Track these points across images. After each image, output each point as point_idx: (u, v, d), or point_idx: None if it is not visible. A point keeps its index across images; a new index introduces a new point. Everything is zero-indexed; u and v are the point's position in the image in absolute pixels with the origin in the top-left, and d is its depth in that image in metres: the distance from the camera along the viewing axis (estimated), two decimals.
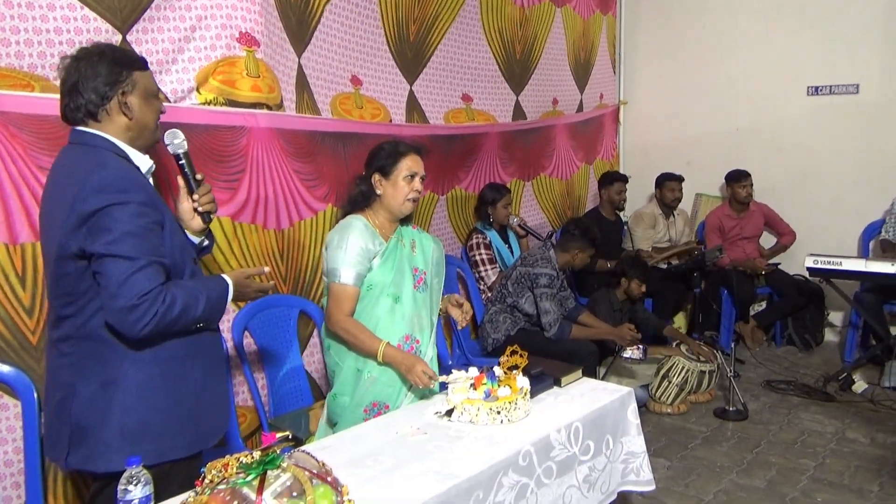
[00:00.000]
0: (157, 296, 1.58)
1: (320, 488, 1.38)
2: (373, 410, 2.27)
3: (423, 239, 2.47)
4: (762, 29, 5.29)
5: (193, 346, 1.75)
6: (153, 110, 1.75)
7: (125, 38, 2.50)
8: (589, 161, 5.65)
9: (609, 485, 2.16)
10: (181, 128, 2.59)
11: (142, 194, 1.63)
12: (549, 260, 3.61)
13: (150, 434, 1.68)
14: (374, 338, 2.24)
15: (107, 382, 1.66)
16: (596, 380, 2.53)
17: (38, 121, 2.23)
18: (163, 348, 1.69)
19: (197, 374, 1.77)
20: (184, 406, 1.73)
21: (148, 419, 1.68)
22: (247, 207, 2.89)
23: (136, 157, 1.73)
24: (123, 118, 1.70)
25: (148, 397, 1.68)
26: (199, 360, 1.77)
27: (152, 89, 1.76)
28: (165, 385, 1.70)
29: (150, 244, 1.61)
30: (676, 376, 3.78)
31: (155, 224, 1.64)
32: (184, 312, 1.64)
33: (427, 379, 2.15)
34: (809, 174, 5.19)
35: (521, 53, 4.68)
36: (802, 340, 4.92)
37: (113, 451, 1.65)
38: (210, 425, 1.82)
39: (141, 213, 1.61)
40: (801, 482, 3.02)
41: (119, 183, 1.60)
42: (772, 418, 3.73)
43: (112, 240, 1.57)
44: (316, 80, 3.31)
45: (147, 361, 1.68)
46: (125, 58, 1.73)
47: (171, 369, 1.71)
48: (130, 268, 1.56)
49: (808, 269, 4.07)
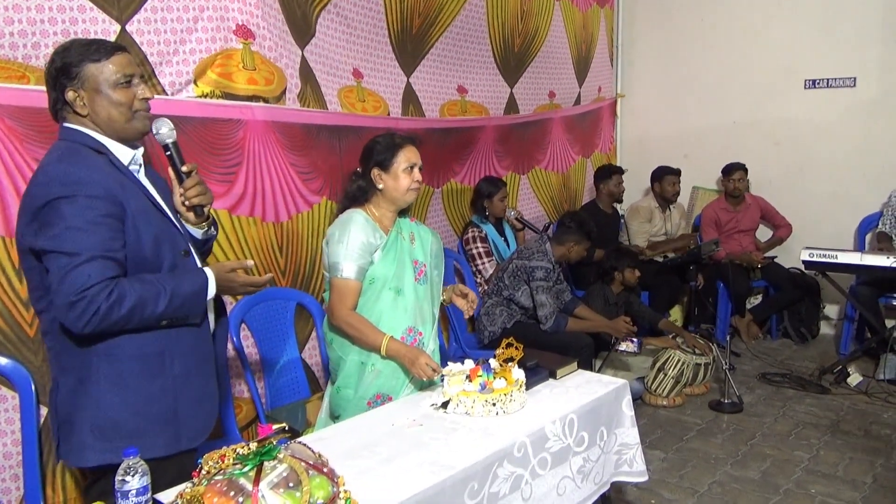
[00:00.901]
0: (99, 291, 1.52)
1: (316, 479, 1.38)
2: (376, 403, 2.28)
3: (421, 231, 2.47)
4: (759, 22, 5.29)
5: (172, 341, 1.70)
6: (112, 102, 1.65)
7: (124, 29, 2.49)
8: (586, 154, 5.65)
9: (603, 476, 2.18)
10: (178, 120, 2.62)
11: (96, 188, 1.56)
12: (546, 253, 3.62)
13: (122, 431, 1.64)
14: (377, 332, 2.25)
15: (81, 378, 1.65)
16: (591, 372, 2.54)
17: (34, 113, 2.22)
18: (136, 344, 1.64)
19: (176, 371, 1.71)
20: (159, 404, 1.68)
21: (119, 416, 1.64)
22: (244, 200, 2.89)
23: (116, 149, 1.68)
24: (84, 114, 1.66)
25: (120, 394, 1.64)
26: (178, 357, 1.71)
27: (111, 80, 1.64)
28: (138, 382, 1.66)
29: (96, 238, 1.55)
30: (672, 369, 3.80)
31: (107, 217, 1.57)
32: (137, 308, 1.57)
33: (431, 371, 2.16)
34: (806, 167, 5.20)
35: (519, 46, 4.67)
36: (798, 333, 4.94)
37: (87, 447, 1.65)
38: (191, 426, 1.75)
39: (90, 206, 1.55)
40: (796, 474, 3.04)
41: (68, 177, 1.56)
42: (767, 410, 3.75)
43: (54, 234, 1.53)
44: (321, 72, 3.31)
45: (119, 357, 1.64)
46: (79, 53, 1.64)
47: (145, 366, 1.67)
48: (70, 263, 1.52)
49: (804, 263, 4.09)
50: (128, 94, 1.66)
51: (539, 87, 4.97)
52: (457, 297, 2.49)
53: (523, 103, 4.79)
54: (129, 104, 1.66)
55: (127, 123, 1.68)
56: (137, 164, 1.75)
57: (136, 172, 1.74)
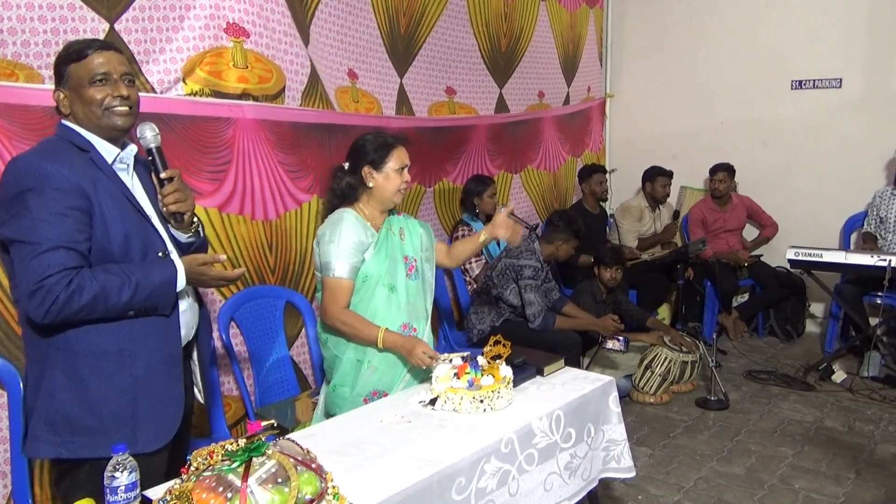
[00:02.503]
0: (58, 281, 1.52)
1: (304, 475, 1.40)
2: (372, 399, 2.29)
3: (410, 225, 2.48)
4: (747, 23, 5.34)
5: (135, 340, 1.67)
6: (85, 100, 1.66)
7: (113, 27, 2.50)
8: (576, 154, 5.69)
9: (590, 472, 2.20)
10: (167, 118, 2.63)
11: (63, 181, 1.57)
12: (534, 252, 3.64)
13: (74, 427, 1.63)
14: (372, 325, 2.26)
15: (42, 370, 1.65)
16: (578, 369, 2.57)
17: (23, 111, 2.23)
18: (95, 340, 1.63)
19: (137, 372, 1.67)
20: (116, 404, 1.66)
21: (72, 412, 1.63)
22: (234, 198, 2.90)
23: (101, 146, 1.70)
24: (67, 113, 1.69)
25: (74, 389, 1.63)
26: (140, 357, 1.68)
27: (86, 78, 1.65)
28: (95, 379, 1.64)
29: (60, 229, 1.55)
30: (659, 366, 3.83)
31: (72, 210, 1.57)
32: (100, 298, 1.56)
33: (429, 359, 2.17)
34: (792, 167, 5.25)
35: (506, 46, 4.69)
36: (784, 331, 4.99)
37: (39, 439, 1.66)
38: (149, 429, 1.70)
39: (55, 198, 1.56)
40: (780, 469, 3.08)
41: (37, 170, 1.57)
42: (752, 407, 3.79)
43: (19, 225, 1.55)
44: (323, 72, 3.33)
45: (77, 352, 1.63)
46: (64, 54, 1.68)
47: (104, 364, 1.65)
48: (31, 252, 1.53)
49: (790, 261, 4.14)
50: (101, 92, 1.66)
51: (528, 87, 4.99)
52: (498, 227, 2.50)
53: (513, 104, 4.81)
54: (100, 102, 1.66)
55: (100, 121, 1.68)
56: (124, 162, 1.75)
57: (123, 171, 1.75)
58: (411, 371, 2.33)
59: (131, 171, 1.78)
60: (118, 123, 1.70)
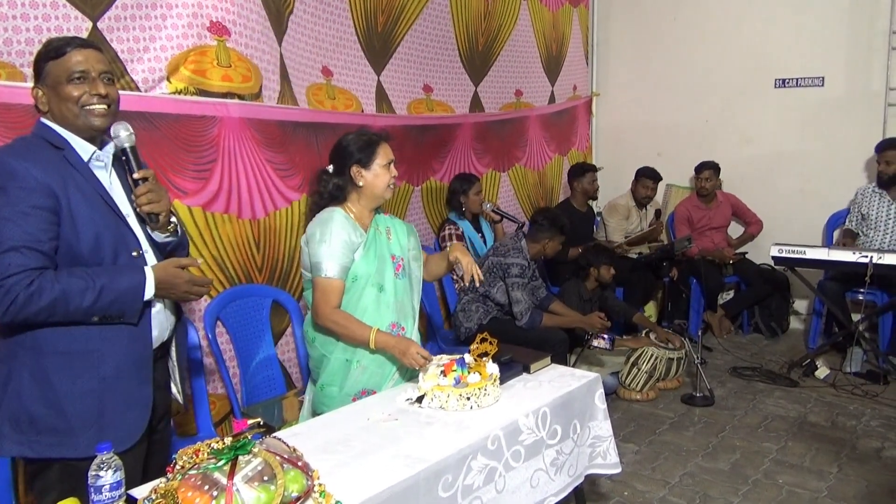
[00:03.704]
0: (18, 281, 1.50)
1: (291, 472, 1.40)
2: (361, 398, 2.29)
3: (395, 225, 2.49)
4: (732, 22, 5.38)
5: (104, 341, 1.65)
6: (62, 98, 1.65)
7: (96, 26, 2.48)
8: (562, 152, 5.71)
9: (576, 468, 2.21)
10: (151, 117, 2.62)
11: (29, 179, 1.55)
12: (521, 250, 3.65)
13: (38, 426, 1.62)
14: (364, 326, 2.26)
15: (9, 368, 1.64)
16: (564, 366, 2.58)
17: (4, 109, 2.21)
18: (63, 340, 1.62)
19: (105, 372, 1.66)
20: (81, 404, 1.64)
21: (37, 411, 1.62)
22: (219, 197, 2.88)
23: (77, 144, 1.69)
24: (45, 110, 1.68)
25: (40, 389, 1.62)
26: (109, 358, 1.66)
27: (64, 76, 1.64)
28: (61, 379, 1.62)
29: (22, 229, 1.53)
30: (646, 363, 3.86)
31: (36, 209, 1.55)
32: (60, 301, 1.54)
33: (422, 360, 2.17)
34: (776, 165, 5.31)
35: (483, 45, 4.68)
36: (768, 328, 5.04)
37: (5, 437, 1.64)
38: (115, 430, 1.67)
39: (19, 197, 1.54)
40: (764, 465, 3.11)
41: (2, 167, 1.56)
42: (737, 404, 3.83)
43: None
44: (293, 69, 3.31)
45: (44, 352, 1.62)
46: (44, 52, 1.67)
47: (71, 363, 1.63)
48: None
49: (774, 258, 4.19)
50: (79, 89, 1.65)
51: (504, 85, 4.97)
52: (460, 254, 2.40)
53: (488, 102, 4.79)
54: (77, 99, 1.65)
55: (77, 119, 1.67)
56: (101, 160, 1.73)
57: (101, 169, 1.73)
58: (400, 369, 2.34)
59: (109, 169, 1.76)
60: (95, 123, 1.69)
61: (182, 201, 2.72)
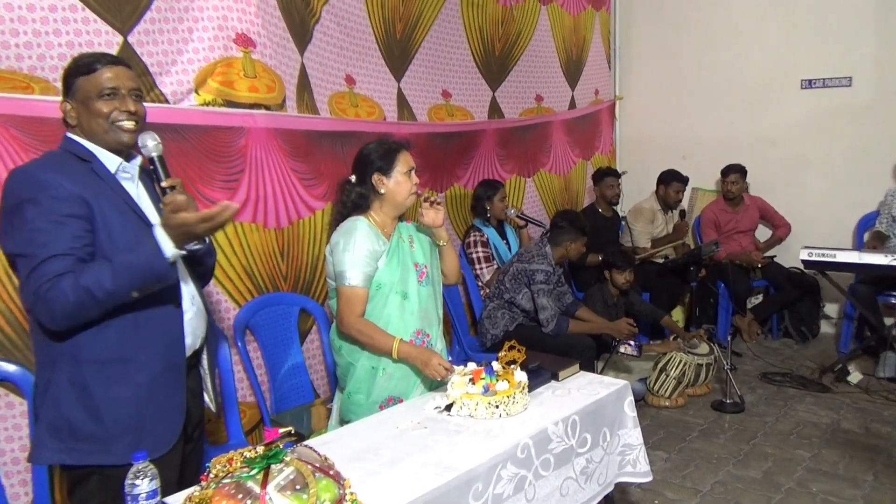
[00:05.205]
0: (51, 287, 1.54)
1: (323, 481, 1.40)
2: (388, 406, 2.29)
3: (419, 233, 2.50)
4: (756, 23, 5.32)
5: (138, 349, 1.68)
6: (92, 113, 1.68)
7: (126, 40, 2.52)
8: (586, 156, 5.68)
9: (606, 476, 2.19)
10: (180, 128, 2.65)
11: (59, 189, 1.58)
12: (545, 256, 3.64)
13: (77, 434, 1.64)
14: (388, 336, 2.27)
15: (49, 377, 1.67)
16: (593, 373, 2.56)
17: (37, 123, 2.25)
18: (98, 349, 1.64)
19: (140, 380, 1.69)
20: (120, 412, 1.66)
21: (76, 419, 1.64)
22: (246, 207, 2.92)
23: (104, 157, 1.72)
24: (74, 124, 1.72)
25: (78, 397, 1.64)
26: (144, 366, 1.69)
27: (93, 92, 1.67)
28: (99, 387, 1.65)
29: (57, 238, 1.56)
30: (674, 369, 3.81)
31: (69, 217, 1.58)
32: (85, 293, 1.54)
33: (444, 371, 2.18)
34: (804, 167, 5.22)
35: (500, 51, 4.66)
36: (798, 333, 4.96)
37: (42, 445, 1.67)
38: (153, 437, 1.70)
39: (52, 207, 1.57)
40: (797, 472, 3.06)
41: (33, 179, 1.59)
42: (768, 410, 3.77)
43: (19, 238, 1.57)
44: (316, 79, 3.34)
45: (80, 360, 1.64)
46: (74, 67, 1.71)
47: (107, 372, 1.65)
48: (30, 264, 1.55)
49: (803, 262, 4.12)
50: (109, 105, 1.68)
51: (523, 90, 4.95)
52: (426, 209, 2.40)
53: (507, 107, 4.78)
54: (106, 115, 1.68)
55: (106, 134, 1.70)
56: (128, 172, 1.76)
57: (128, 180, 1.76)
58: (425, 379, 2.33)
59: (136, 181, 1.80)
60: (124, 139, 1.72)
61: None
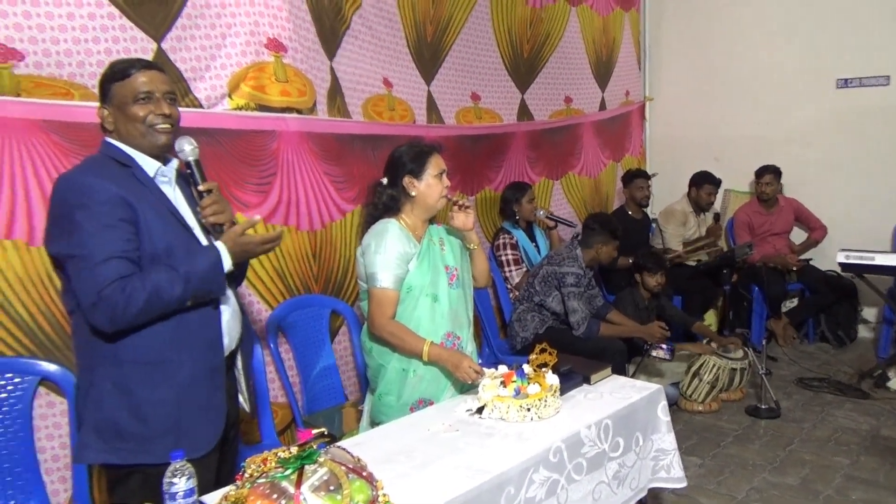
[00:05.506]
0: (115, 289, 1.57)
1: (356, 482, 1.41)
2: (419, 408, 2.30)
3: (449, 235, 2.50)
4: (790, 21, 5.22)
5: (179, 350, 1.71)
6: (128, 117, 1.72)
7: (160, 47, 2.57)
8: (616, 158, 5.63)
9: (639, 481, 2.17)
10: (214, 133, 2.69)
11: (106, 193, 1.63)
12: (576, 258, 3.61)
13: (121, 434, 1.68)
14: (418, 338, 2.28)
15: (92, 379, 1.70)
16: (625, 377, 2.54)
17: (77, 128, 2.31)
18: (140, 351, 1.67)
19: (181, 381, 1.72)
20: (161, 412, 1.70)
21: (120, 419, 1.67)
22: (279, 209, 2.95)
23: (142, 161, 1.75)
24: (111, 129, 1.76)
25: (122, 398, 1.68)
26: (185, 367, 1.72)
27: (129, 96, 1.71)
28: (141, 388, 1.68)
29: (109, 240, 1.61)
30: (707, 374, 3.75)
31: (119, 221, 1.63)
32: (154, 297, 1.61)
33: (474, 374, 2.18)
34: (840, 168, 5.10)
35: (528, 52, 4.64)
36: (835, 337, 4.85)
37: (88, 445, 1.70)
38: (193, 437, 1.74)
39: (101, 211, 1.61)
40: (836, 480, 2.99)
41: (80, 185, 1.63)
42: (805, 416, 3.69)
43: (70, 241, 1.61)
44: (347, 83, 3.37)
45: (123, 362, 1.67)
46: (109, 73, 1.75)
47: (149, 373, 1.69)
48: (85, 266, 1.59)
49: (840, 265, 4.03)
50: (144, 110, 1.72)
51: (553, 92, 4.93)
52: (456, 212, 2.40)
53: (536, 109, 4.76)
54: (142, 119, 1.72)
55: (143, 138, 1.74)
56: (166, 176, 1.80)
57: (166, 184, 1.80)
58: (455, 382, 2.33)
59: (173, 184, 1.83)
60: (159, 142, 1.76)
61: (244, 214, 2.79)
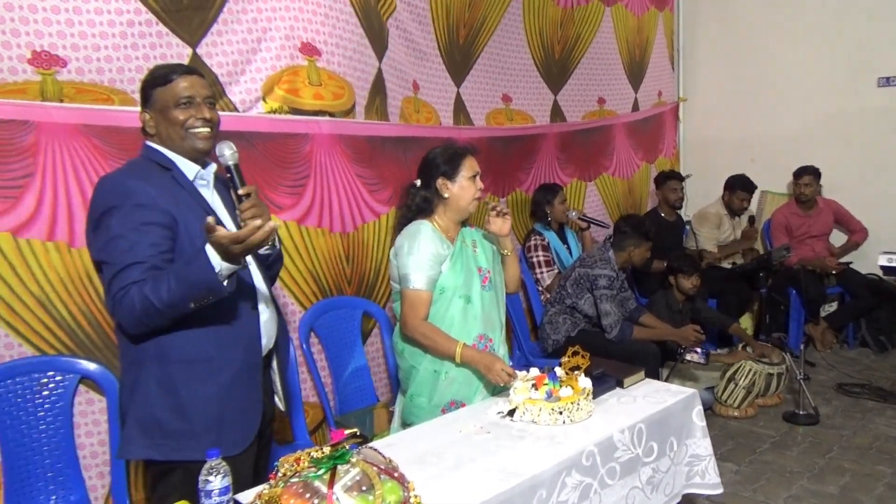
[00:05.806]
0: (125, 295, 1.60)
1: (388, 483, 1.41)
2: (450, 409, 2.30)
3: (482, 238, 2.50)
4: (829, 17, 5.10)
5: (221, 349, 1.75)
6: (169, 122, 1.75)
7: (195, 52, 2.61)
8: (650, 160, 5.56)
9: (673, 487, 2.14)
10: (249, 136, 2.73)
11: (143, 196, 1.65)
12: (608, 261, 3.57)
13: (164, 430, 1.71)
14: (451, 340, 2.28)
15: (137, 376, 1.74)
16: (659, 381, 2.50)
17: (118, 133, 2.36)
18: (183, 350, 1.71)
19: (223, 379, 1.75)
20: (204, 409, 1.73)
21: (163, 416, 1.71)
22: (312, 211, 2.98)
23: (182, 164, 1.78)
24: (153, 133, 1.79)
25: (166, 395, 1.71)
26: (228, 366, 1.76)
27: (170, 101, 1.74)
28: (186, 386, 1.71)
29: (136, 245, 1.62)
30: (743, 379, 3.68)
31: (150, 224, 1.64)
32: (150, 301, 1.58)
33: (507, 377, 2.17)
34: (881, 168, 4.97)
35: (560, 53, 4.61)
36: (877, 342, 4.72)
37: (131, 441, 1.74)
38: (233, 434, 1.78)
39: (134, 214, 1.63)
40: (877, 489, 2.91)
41: (118, 187, 1.66)
42: (844, 423, 3.60)
43: (103, 244, 1.64)
44: (392, 83, 3.41)
45: (167, 360, 1.71)
46: (151, 78, 1.78)
47: (193, 371, 1.72)
48: (111, 271, 1.62)
49: (882, 268, 3.92)
50: (185, 114, 1.75)
51: (586, 93, 4.89)
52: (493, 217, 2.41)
53: (569, 110, 4.73)
54: (182, 123, 1.75)
55: (182, 142, 1.77)
56: (205, 179, 1.84)
57: (205, 187, 1.83)
58: (487, 384, 2.33)
59: (212, 188, 1.86)
60: (199, 146, 1.79)
61: (278, 216, 2.82)
